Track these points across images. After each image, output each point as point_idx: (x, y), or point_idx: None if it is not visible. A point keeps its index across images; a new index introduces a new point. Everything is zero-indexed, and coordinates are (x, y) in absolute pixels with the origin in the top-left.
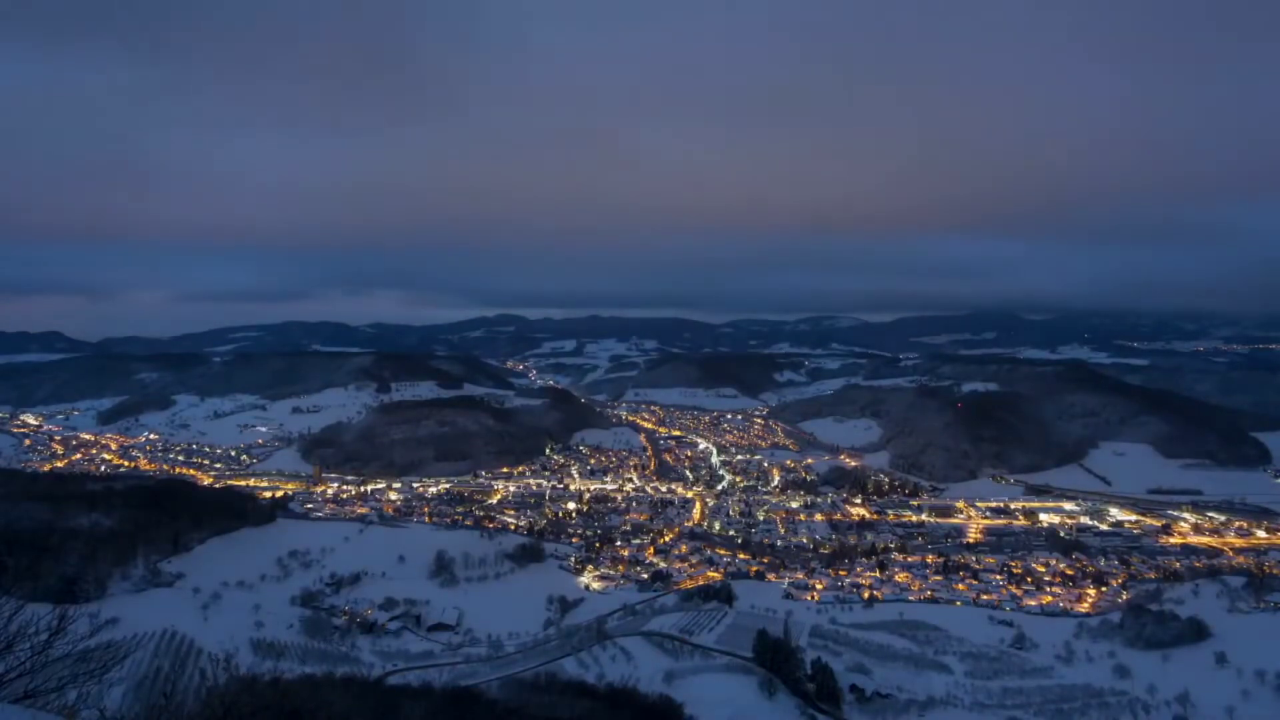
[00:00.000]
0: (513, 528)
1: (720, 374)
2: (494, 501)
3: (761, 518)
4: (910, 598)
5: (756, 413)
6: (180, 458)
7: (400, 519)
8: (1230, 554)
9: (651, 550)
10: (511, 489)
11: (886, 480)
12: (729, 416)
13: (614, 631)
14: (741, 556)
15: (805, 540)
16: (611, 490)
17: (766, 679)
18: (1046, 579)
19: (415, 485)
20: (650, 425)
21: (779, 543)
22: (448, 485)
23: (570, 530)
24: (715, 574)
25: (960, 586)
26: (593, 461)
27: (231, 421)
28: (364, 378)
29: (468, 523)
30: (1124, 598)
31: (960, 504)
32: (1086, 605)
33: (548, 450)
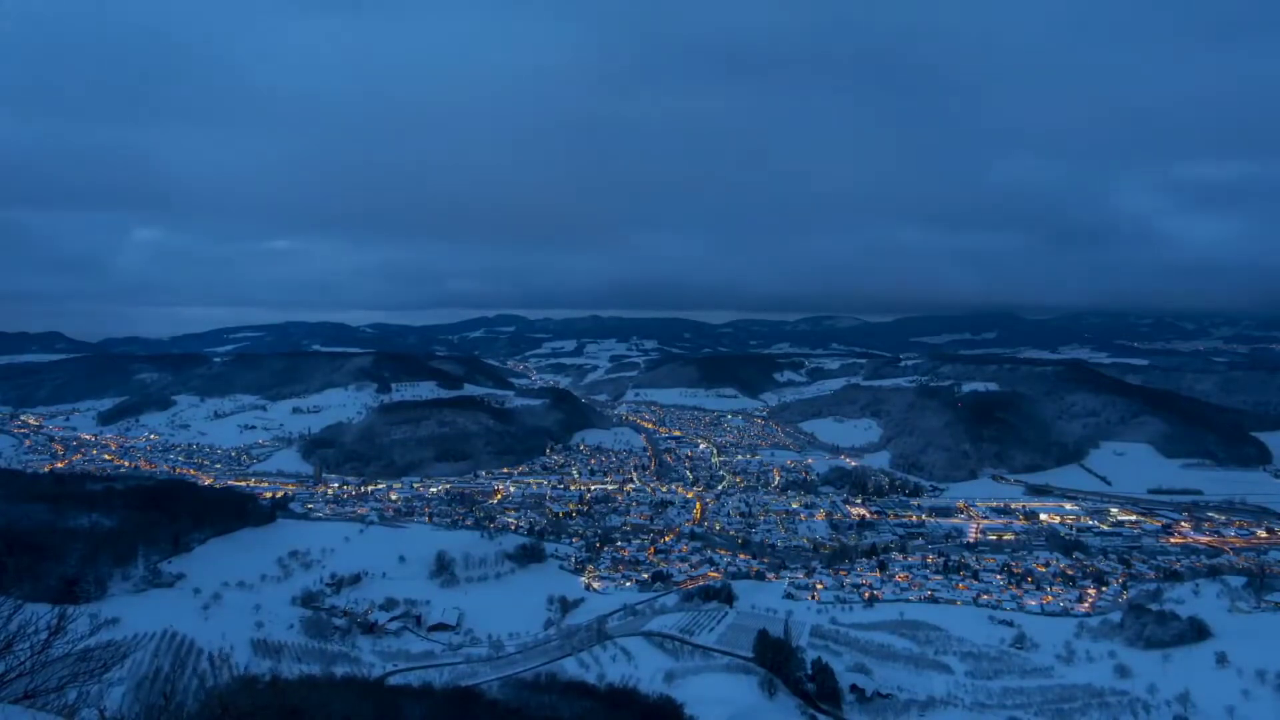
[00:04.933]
0: (513, 528)
1: (720, 374)
2: (494, 502)
3: (762, 518)
4: (911, 598)
5: (756, 413)
6: (180, 458)
7: (401, 519)
8: (1231, 554)
9: (652, 550)
10: (512, 489)
11: (886, 480)
12: (729, 417)
13: (614, 632)
14: (742, 557)
15: (805, 540)
16: (612, 490)
17: (767, 679)
18: (1047, 579)
19: (415, 485)
20: (650, 425)
21: (779, 543)
22: (448, 485)
23: (571, 530)
24: (715, 574)
25: (960, 586)
26: (593, 461)
27: (232, 422)
28: (364, 378)
29: (468, 523)
30: (1124, 597)
31: (960, 504)
32: (1087, 605)
33: (548, 450)
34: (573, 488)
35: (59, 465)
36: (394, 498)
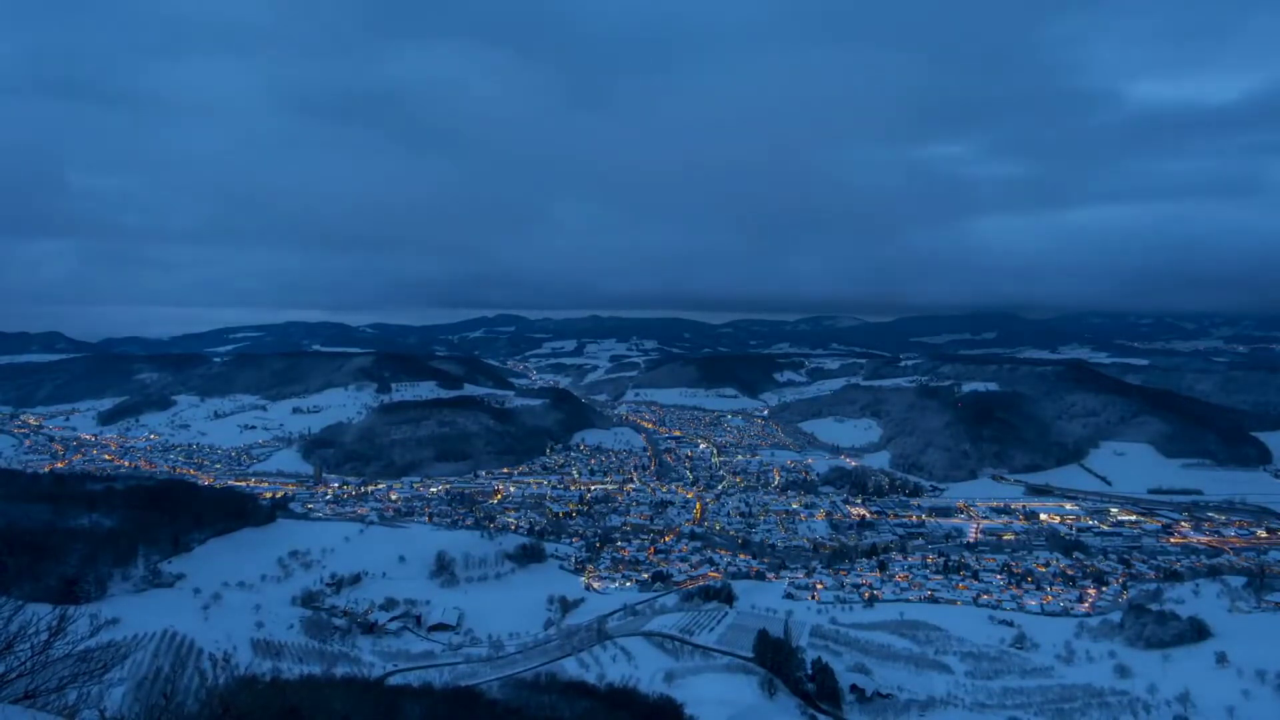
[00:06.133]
0: (513, 528)
1: (720, 374)
2: (495, 502)
3: (762, 518)
4: (911, 598)
5: (757, 413)
6: (180, 458)
7: (401, 519)
8: (1231, 554)
9: (652, 550)
10: (512, 489)
11: (887, 480)
12: (729, 417)
13: (614, 631)
14: (742, 557)
15: (805, 540)
16: (612, 490)
17: (767, 679)
18: (1047, 579)
19: (415, 485)
20: (650, 425)
21: (779, 543)
22: (448, 485)
23: (571, 530)
24: (715, 574)
25: (960, 586)
26: (593, 461)
27: (232, 422)
28: (364, 378)
29: (468, 523)
30: (1124, 597)
31: (960, 504)
32: (1087, 605)
33: (548, 450)
34: (573, 488)
35: (59, 465)
36: (394, 498)
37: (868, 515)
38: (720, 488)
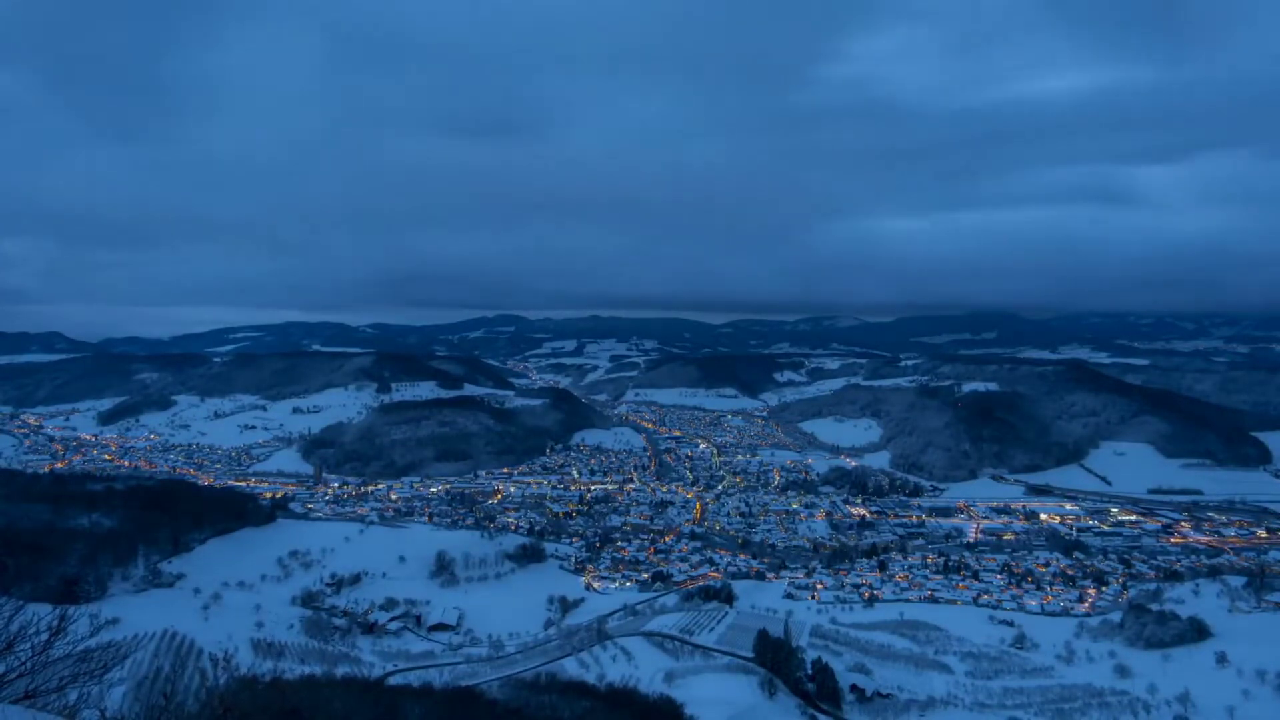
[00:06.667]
0: (513, 528)
1: (720, 374)
2: (494, 502)
3: (762, 518)
4: (911, 598)
5: (757, 413)
6: (180, 458)
7: (401, 519)
8: (1231, 554)
9: (652, 550)
10: (512, 489)
11: (887, 480)
12: (729, 417)
13: (614, 631)
14: (742, 556)
15: (805, 540)
16: (612, 490)
17: (767, 679)
18: (1047, 579)
19: (415, 485)
20: (650, 425)
21: (779, 543)
22: (448, 485)
23: (571, 530)
24: (715, 574)
25: (960, 586)
26: (593, 462)
27: (232, 422)
28: (364, 378)
29: (468, 523)
30: (1124, 597)
31: (960, 504)
32: (1087, 605)
33: (548, 450)
34: (573, 488)
35: (59, 465)
36: (394, 498)
37: (868, 515)
38: (720, 488)
